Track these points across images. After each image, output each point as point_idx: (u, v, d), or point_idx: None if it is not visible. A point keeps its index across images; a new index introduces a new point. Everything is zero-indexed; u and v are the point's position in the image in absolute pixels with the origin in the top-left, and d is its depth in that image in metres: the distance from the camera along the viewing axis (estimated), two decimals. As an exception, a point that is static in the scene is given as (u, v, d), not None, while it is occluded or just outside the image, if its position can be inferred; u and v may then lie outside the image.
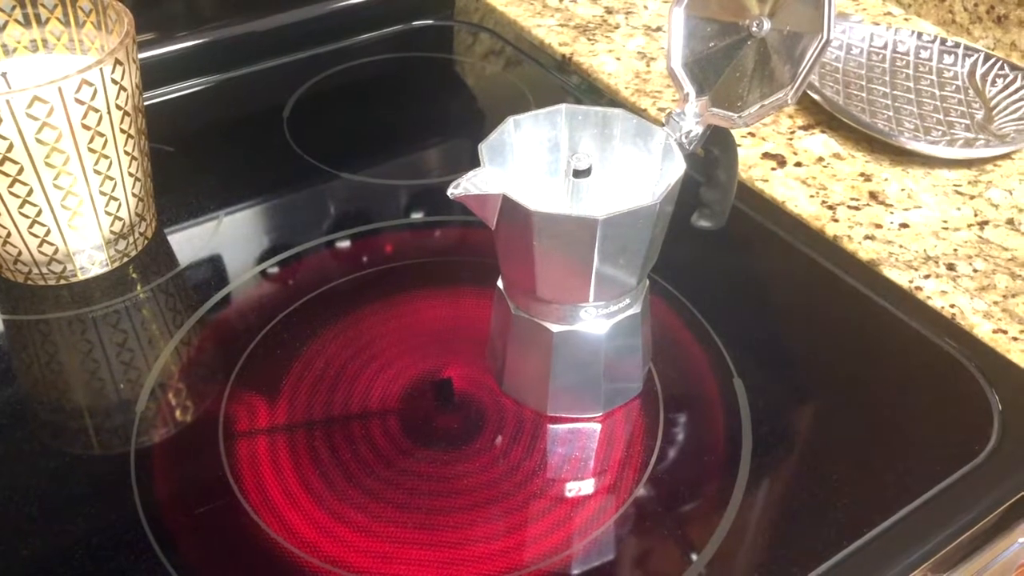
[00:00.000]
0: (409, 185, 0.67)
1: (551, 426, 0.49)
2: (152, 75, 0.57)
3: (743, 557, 0.44)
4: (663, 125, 0.46)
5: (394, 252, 0.61)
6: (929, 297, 0.57)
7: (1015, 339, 0.54)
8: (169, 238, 0.62)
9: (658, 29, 0.86)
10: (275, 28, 0.82)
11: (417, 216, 0.64)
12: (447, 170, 0.70)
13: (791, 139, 0.71)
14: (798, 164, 0.68)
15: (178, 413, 0.50)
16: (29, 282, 0.56)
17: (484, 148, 0.44)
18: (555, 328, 0.46)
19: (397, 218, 0.64)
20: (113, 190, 0.55)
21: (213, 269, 0.59)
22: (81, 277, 0.57)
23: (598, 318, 0.46)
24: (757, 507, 0.46)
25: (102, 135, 0.52)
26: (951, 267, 0.59)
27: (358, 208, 0.65)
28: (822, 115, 0.73)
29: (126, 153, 0.54)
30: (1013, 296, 0.57)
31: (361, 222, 0.63)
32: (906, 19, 0.89)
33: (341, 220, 0.64)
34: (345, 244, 0.62)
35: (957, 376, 0.53)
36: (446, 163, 0.72)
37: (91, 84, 0.50)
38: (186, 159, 0.68)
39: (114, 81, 0.51)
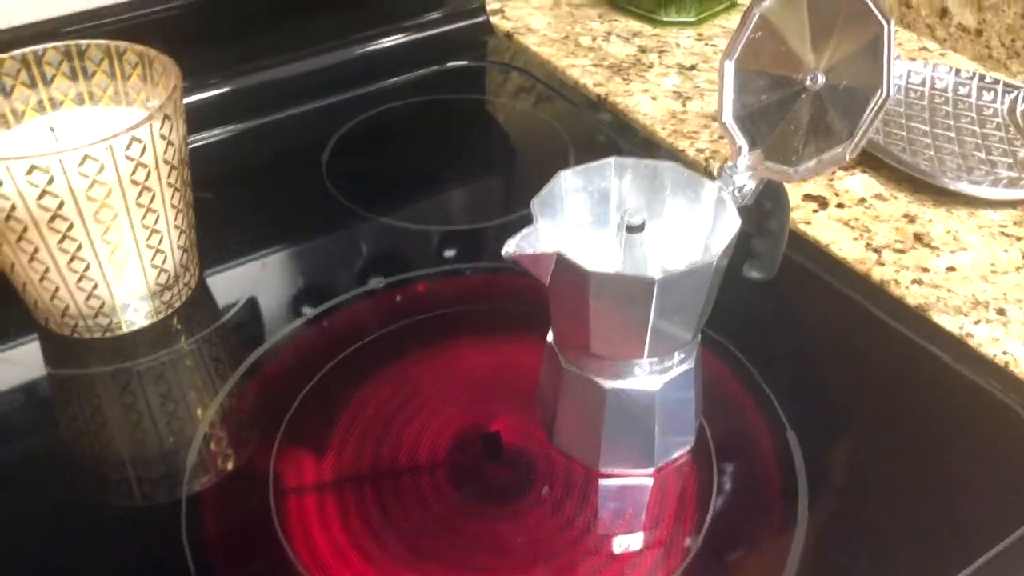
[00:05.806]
0: (449, 231, 0.67)
1: (602, 481, 0.49)
2: (188, 121, 0.57)
3: (801, 616, 0.43)
4: (705, 170, 0.46)
5: (436, 299, 0.61)
6: (980, 344, 0.56)
7: (1071, 387, 0.53)
8: (211, 288, 0.62)
9: (692, 68, 0.86)
10: (310, 71, 0.82)
11: (457, 262, 0.64)
12: (487, 214, 0.69)
13: (832, 180, 0.71)
14: (840, 205, 0.68)
15: (227, 468, 0.50)
16: (76, 335, 0.56)
17: (536, 204, 0.44)
18: (608, 384, 0.46)
19: (437, 264, 0.64)
20: (160, 243, 0.55)
21: (256, 319, 0.59)
22: (126, 330, 0.57)
23: (651, 373, 0.46)
24: (815, 565, 0.45)
25: (150, 190, 0.52)
26: (1001, 312, 0.59)
27: (399, 254, 0.65)
28: (862, 155, 0.73)
29: (172, 206, 0.55)
30: (1067, 342, 0.56)
31: (402, 269, 0.63)
32: (941, 54, 0.89)
33: (382, 266, 0.64)
34: (387, 292, 0.61)
35: (1013, 427, 0.52)
36: (486, 206, 0.71)
37: (140, 141, 0.50)
38: (226, 206, 0.68)
39: (162, 136, 0.51)
